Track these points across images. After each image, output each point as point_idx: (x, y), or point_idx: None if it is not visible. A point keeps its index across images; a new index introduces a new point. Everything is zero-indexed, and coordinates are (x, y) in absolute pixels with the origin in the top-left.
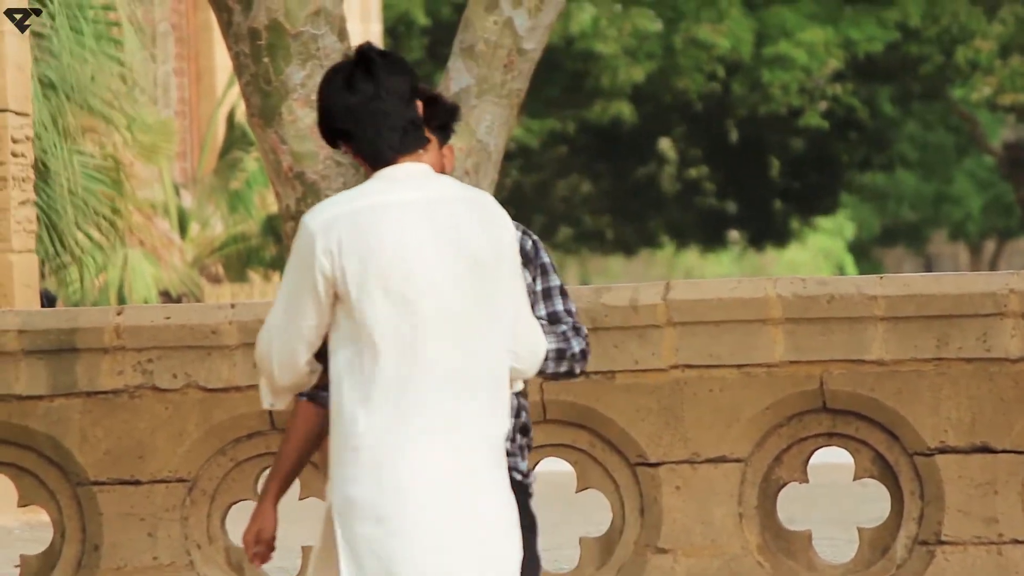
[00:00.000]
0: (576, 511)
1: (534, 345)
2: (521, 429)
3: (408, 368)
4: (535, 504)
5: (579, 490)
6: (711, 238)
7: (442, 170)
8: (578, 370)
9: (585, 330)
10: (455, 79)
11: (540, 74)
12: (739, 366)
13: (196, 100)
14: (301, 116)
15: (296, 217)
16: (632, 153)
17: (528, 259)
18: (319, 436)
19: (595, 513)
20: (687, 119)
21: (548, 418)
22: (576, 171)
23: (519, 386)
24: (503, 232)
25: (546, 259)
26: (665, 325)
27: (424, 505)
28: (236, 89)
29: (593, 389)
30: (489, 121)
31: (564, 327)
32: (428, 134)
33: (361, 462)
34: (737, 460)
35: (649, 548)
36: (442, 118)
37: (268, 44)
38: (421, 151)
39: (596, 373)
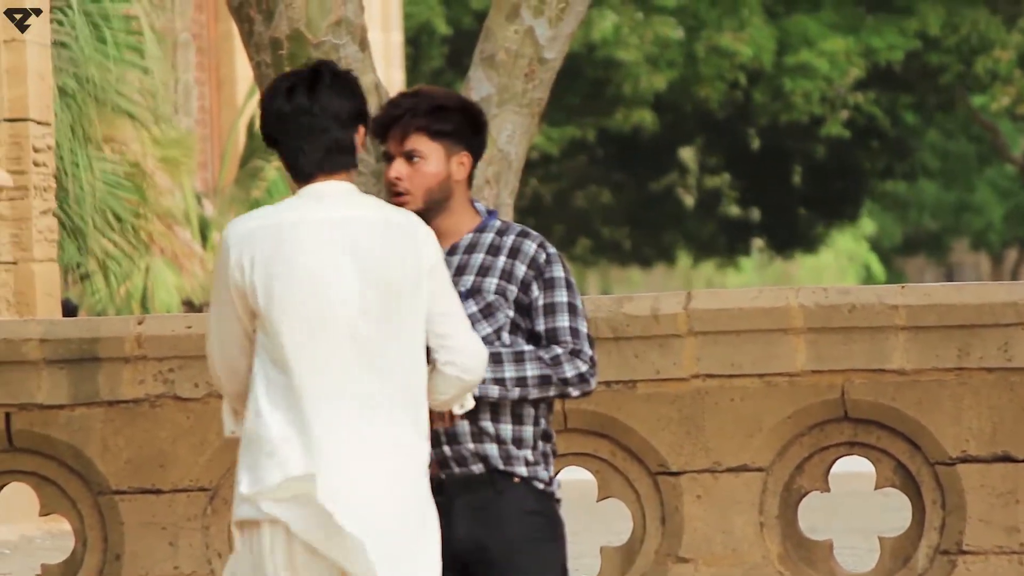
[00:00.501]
0: (597, 520)
1: (476, 353)
2: (542, 436)
3: (319, 388)
4: (563, 513)
5: (600, 499)
6: (732, 248)
7: (446, 178)
8: (575, 393)
9: (588, 352)
10: (476, 88)
11: (561, 82)
12: (760, 375)
13: (217, 109)
14: None
15: None
16: (653, 162)
17: (538, 272)
18: None
19: (616, 522)
20: (708, 128)
21: (569, 427)
22: (595, 181)
23: (469, 403)
24: (424, 251)
25: (558, 274)
26: (686, 334)
27: (342, 523)
28: (257, 98)
29: (614, 398)
30: (510, 130)
31: (559, 351)
32: (430, 141)
33: (277, 465)
34: (758, 469)
35: (670, 557)
36: (443, 124)
37: (289, 54)
38: (345, 173)
39: (617, 383)
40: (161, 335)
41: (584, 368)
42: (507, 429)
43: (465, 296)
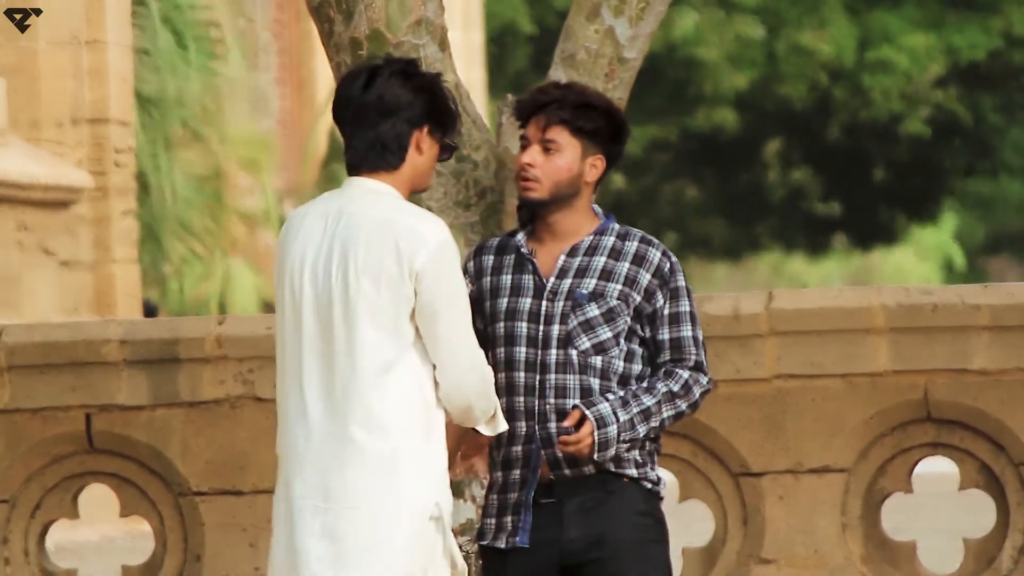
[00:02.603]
0: (678, 521)
1: (461, 393)
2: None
3: (293, 382)
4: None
5: (681, 500)
6: (816, 243)
7: (577, 176)
8: (700, 406)
9: (706, 364)
10: None
11: (642, 82)
12: (842, 375)
13: (298, 110)
14: None
15: None
16: (736, 160)
17: (663, 281)
18: (463, 431)
19: (697, 523)
20: (789, 126)
21: None
22: (682, 176)
23: (502, 426)
24: (417, 259)
25: (681, 283)
26: (767, 334)
27: (292, 525)
28: None
29: None
30: None
31: (686, 376)
32: (570, 136)
33: (280, 467)
34: (841, 470)
35: (752, 558)
36: (586, 122)
37: (369, 54)
38: (386, 173)
39: None
40: (241, 336)
41: (705, 382)
42: None
43: (588, 299)
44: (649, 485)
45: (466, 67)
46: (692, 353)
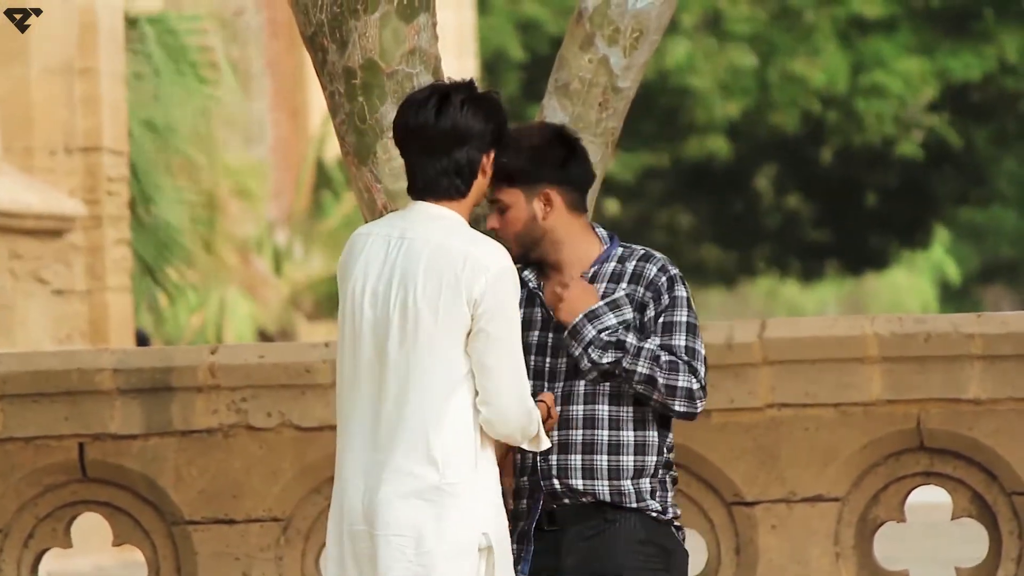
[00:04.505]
0: None
1: (509, 419)
2: (664, 465)
3: (350, 405)
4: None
5: None
6: (809, 268)
7: (530, 220)
8: (678, 407)
9: (702, 372)
10: (550, 117)
11: (635, 109)
12: (835, 405)
13: (292, 138)
14: (395, 155)
15: None
16: (729, 187)
17: (657, 293)
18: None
19: (691, 553)
20: (782, 153)
21: None
22: (675, 203)
23: (544, 444)
24: (475, 287)
25: (680, 294)
26: (761, 364)
27: (343, 548)
28: (331, 128)
29: (688, 428)
30: None
31: (679, 361)
32: (508, 188)
33: (334, 488)
34: (834, 499)
35: None
36: (513, 167)
37: (363, 83)
38: (451, 201)
39: None
40: (234, 364)
41: (696, 387)
42: (625, 460)
43: None
44: (654, 514)
45: None
46: (684, 360)
